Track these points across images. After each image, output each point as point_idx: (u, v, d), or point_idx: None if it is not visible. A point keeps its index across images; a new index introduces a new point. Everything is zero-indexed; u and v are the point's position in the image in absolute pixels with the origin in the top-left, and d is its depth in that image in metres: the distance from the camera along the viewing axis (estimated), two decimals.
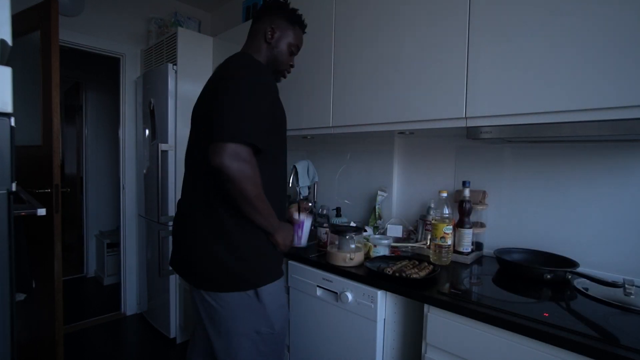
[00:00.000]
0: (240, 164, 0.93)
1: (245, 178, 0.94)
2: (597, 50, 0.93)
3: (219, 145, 0.93)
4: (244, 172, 0.93)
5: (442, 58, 1.24)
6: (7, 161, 0.73)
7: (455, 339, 0.98)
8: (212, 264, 1.03)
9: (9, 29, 0.82)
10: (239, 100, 0.97)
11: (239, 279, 1.02)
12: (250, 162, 0.95)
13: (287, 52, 1.22)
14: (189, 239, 1.08)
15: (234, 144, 0.93)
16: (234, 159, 0.92)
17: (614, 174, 1.19)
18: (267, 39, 1.18)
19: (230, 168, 0.92)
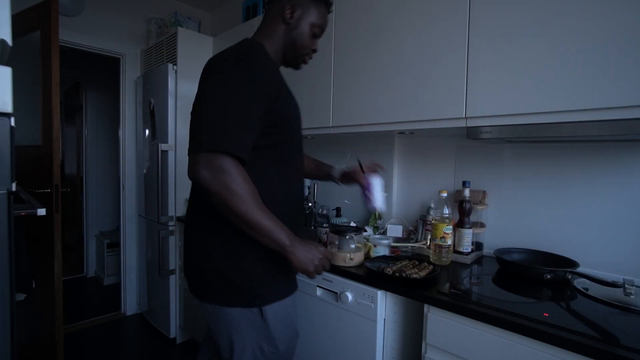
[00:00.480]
0: (217, 175, 0.78)
1: (227, 191, 0.79)
2: (597, 50, 0.93)
3: (191, 157, 0.81)
4: (224, 185, 0.78)
5: (442, 58, 1.24)
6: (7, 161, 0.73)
7: (455, 339, 0.98)
8: (213, 276, 0.92)
9: (9, 29, 0.82)
10: (215, 100, 0.84)
11: (242, 295, 0.91)
12: (231, 172, 0.79)
13: (309, 34, 1.04)
14: (190, 247, 0.99)
15: (208, 153, 0.79)
16: (209, 170, 0.79)
17: (614, 174, 1.19)
18: (286, 19, 1.00)
19: (207, 182, 0.79)
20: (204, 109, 0.84)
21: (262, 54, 0.95)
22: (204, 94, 0.87)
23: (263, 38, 1.02)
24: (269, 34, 1.02)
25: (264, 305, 0.92)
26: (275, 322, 0.94)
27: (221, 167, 0.79)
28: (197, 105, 0.88)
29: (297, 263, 0.87)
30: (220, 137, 0.80)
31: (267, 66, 0.93)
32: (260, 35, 1.03)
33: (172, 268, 2.34)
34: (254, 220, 0.82)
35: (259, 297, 0.92)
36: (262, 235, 0.84)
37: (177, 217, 2.32)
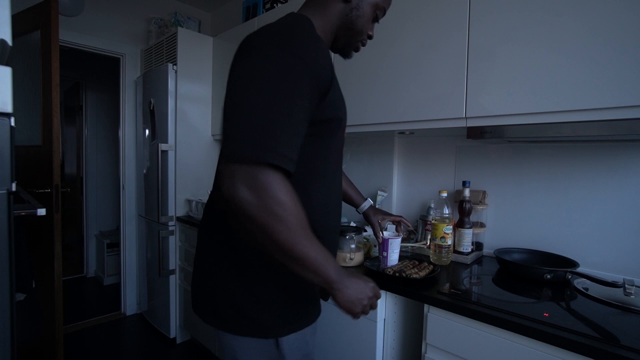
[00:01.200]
0: (260, 196, 0.60)
1: (271, 217, 0.61)
2: (597, 51, 0.93)
3: (227, 169, 0.62)
4: (268, 209, 0.60)
5: (442, 58, 1.24)
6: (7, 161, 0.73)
7: (455, 339, 0.98)
8: (225, 303, 0.78)
9: (9, 29, 0.82)
10: (254, 92, 0.63)
11: (256, 326, 0.77)
12: (277, 192, 0.61)
13: (371, 17, 0.85)
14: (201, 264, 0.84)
15: (248, 165, 0.60)
16: (250, 190, 0.60)
17: (614, 173, 1.19)
18: None
19: (246, 204, 0.60)
20: (240, 104, 0.63)
21: (312, 32, 0.73)
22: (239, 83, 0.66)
23: (313, 14, 0.81)
24: (322, 11, 0.81)
25: (281, 336, 0.78)
26: (291, 353, 0.81)
27: (265, 185, 0.61)
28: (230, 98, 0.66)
29: (343, 303, 0.71)
30: (264, 143, 0.61)
31: (319, 47, 0.71)
32: (310, 11, 0.82)
33: (172, 268, 2.34)
34: (299, 253, 0.64)
35: (276, 328, 0.78)
36: (305, 269, 0.66)
37: (177, 217, 2.32)
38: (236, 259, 0.77)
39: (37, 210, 0.98)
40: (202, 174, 2.44)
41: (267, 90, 0.63)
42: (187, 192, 2.38)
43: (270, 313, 0.77)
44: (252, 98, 0.63)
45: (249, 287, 0.76)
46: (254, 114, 0.62)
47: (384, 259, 1.22)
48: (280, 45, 0.66)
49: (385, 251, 1.21)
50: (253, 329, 0.77)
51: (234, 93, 0.65)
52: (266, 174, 0.61)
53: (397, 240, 1.22)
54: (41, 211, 0.98)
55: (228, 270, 0.77)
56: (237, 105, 0.64)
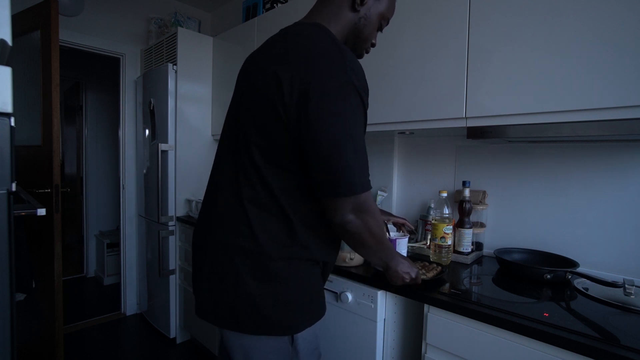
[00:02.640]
0: (363, 218, 0.78)
1: (369, 231, 0.80)
2: (596, 50, 0.93)
3: (339, 203, 0.76)
4: (367, 226, 0.79)
5: (442, 58, 1.24)
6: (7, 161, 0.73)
7: (455, 339, 0.98)
8: (243, 304, 0.81)
9: (9, 29, 0.82)
10: (348, 124, 0.74)
11: (272, 324, 0.82)
12: (374, 209, 0.80)
13: (377, 25, 0.93)
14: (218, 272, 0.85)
15: (358, 196, 0.76)
16: (358, 213, 0.77)
17: (614, 173, 1.19)
18: (355, 6, 0.88)
19: (354, 224, 0.78)
20: (339, 141, 0.73)
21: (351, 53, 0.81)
22: (332, 127, 0.73)
23: (328, 23, 0.87)
24: (334, 19, 0.88)
25: (297, 332, 0.85)
26: (305, 347, 0.88)
27: (367, 208, 0.78)
28: (323, 135, 0.73)
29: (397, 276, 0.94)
30: (363, 177, 0.76)
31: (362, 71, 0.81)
32: (324, 19, 0.88)
33: (172, 268, 2.34)
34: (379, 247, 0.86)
35: (293, 326, 0.84)
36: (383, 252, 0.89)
37: (177, 217, 2.32)
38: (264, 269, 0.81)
39: (37, 210, 0.98)
40: (202, 174, 2.44)
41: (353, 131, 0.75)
42: (187, 192, 2.38)
43: (290, 313, 0.83)
44: (349, 140, 0.74)
45: (274, 292, 0.81)
46: (354, 154, 0.74)
47: None
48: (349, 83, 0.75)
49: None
50: (272, 329, 0.82)
51: (329, 136, 0.73)
52: (366, 199, 0.77)
53: (405, 240, 1.22)
54: (41, 211, 0.98)
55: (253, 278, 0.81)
56: (338, 146, 0.73)
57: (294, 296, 0.83)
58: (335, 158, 0.73)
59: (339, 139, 0.73)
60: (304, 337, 0.87)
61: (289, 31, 0.85)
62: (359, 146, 0.76)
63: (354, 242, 0.83)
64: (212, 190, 0.92)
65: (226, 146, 0.90)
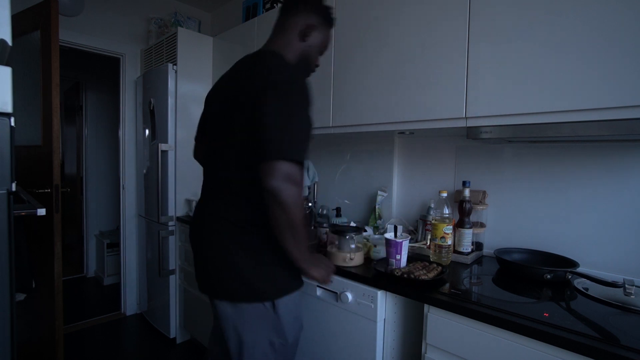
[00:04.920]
0: (294, 188, 0.87)
1: (296, 204, 0.88)
2: (596, 50, 0.93)
3: (272, 165, 0.86)
4: (293, 196, 0.87)
5: (442, 58, 1.24)
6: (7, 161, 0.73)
7: (455, 339, 0.98)
8: (230, 274, 0.99)
9: (9, 29, 0.82)
10: (287, 112, 0.91)
11: (257, 291, 0.98)
12: (300, 185, 0.89)
13: (318, 51, 1.15)
14: (208, 247, 1.04)
15: (288, 163, 0.87)
16: (288, 181, 0.86)
17: (614, 173, 1.19)
18: (302, 36, 1.09)
19: (285, 192, 0.86)
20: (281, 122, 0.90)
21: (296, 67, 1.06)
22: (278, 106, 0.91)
23: (283, 50, 1.07)
24: (286, 47, 1.08)
25: (277, 298, 0.99)
26: (286, 314, 1.02)
27: (296, 179, 0.88)
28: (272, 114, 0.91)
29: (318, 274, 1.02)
30: (298, 149, 0.89)
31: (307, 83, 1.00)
32: (280, 46, 1.09)
33: (172, 268, 2.34)
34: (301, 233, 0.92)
35: (273, 291, 0.99)
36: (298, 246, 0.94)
37: (177, 217, 2.32)
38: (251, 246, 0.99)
39: (37, 210, 0.98)
40: (202, 174, 2.43)
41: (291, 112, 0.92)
42: (187, 192, 2.38)
43: (271, 281, 0.99)
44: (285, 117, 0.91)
45: (260, 266, 0.99)
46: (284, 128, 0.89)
47: (397, 261, 1.20)
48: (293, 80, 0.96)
49: (399, 254, 1.20)
50: (255, 296, 0.98)
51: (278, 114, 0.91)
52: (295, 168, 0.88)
53: (407, 241, 1.22)
54: (41, 211, 0.98)
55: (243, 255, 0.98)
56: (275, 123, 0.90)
57: (273, 265, 1.00)
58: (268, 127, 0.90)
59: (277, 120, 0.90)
60: (285, 303, 1.01)
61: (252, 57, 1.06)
62: (295, 128, 0.91)
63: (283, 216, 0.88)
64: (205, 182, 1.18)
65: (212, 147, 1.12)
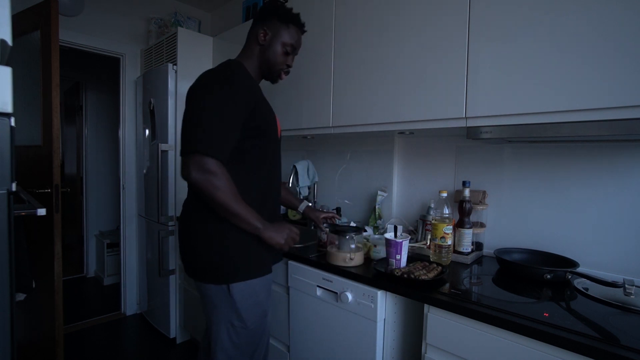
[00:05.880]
0: (205, 175, 0.98)
1: (213, 188, 0.99)
2: (596, 50, 0.93)
3: (183, 159, 1.01)
4: (210, 183, 0.99)
5: (442, 58, 1.24)
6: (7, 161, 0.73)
7: (455, 339, 0.98)
8: (193, 256, 1.12)
9: (9, 29, 0.82)
10: (199, 110, 1.02)
11: (213, 273, 1.09)
12: (216, 172, 0.99)
13: (282, 52, 1.21)
14: (181, 231, 1.18)
15: (198, 156, 0.98)
16: (198, 171, 0.98)
17: (614, 173, 1.19)
18: (260, 41, 1.20)
19: (197, 180, 0.99)
20: (195, 118, 1.02)
21: (241, 72, 1.14)
22: (194, 105, 1.05)
23: (243, 59, 1.22)
24: (248, 55, 1.22)
25: (230, 282, 1.08)
26: (242, 299, 1.10)
27: (209, 168, 0.99)
28: (188, 114, 1.05)
29: (268, 239, 1.09)
30: (208, 142, 0.99)
31: (245, 83, 1.11)
32: (241, 56, 1.23)
33: (172, 268, 2.34)
34: (232, 209, 1.03)
35: (227, 275, 1.09)
36: (240, 220, 1.05)
37: (177, 217, 2.32)
38: (206, 231, 1.10)
39: (37, 210, 0.98)
40: None
41: (211, 112, 1.02)
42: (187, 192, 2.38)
43: (224, 263, 1.09)
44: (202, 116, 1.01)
45: (211, 246, 1.09)
46: (203, 126, 1.00)
47: (397, 261, 1.21)
48: (220, 84, 1.06)
49: (399, 254, 1.20)
50: (212, 276, 1.10)
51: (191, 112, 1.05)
52: (209, 161, 0.99)
53: (407, 241, 1.22)
54: (41, 211, 0.98)
55: (198, 235, 1.11)
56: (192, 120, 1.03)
57: (225, 252, 1.08)
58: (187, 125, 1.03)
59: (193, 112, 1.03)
60: (240, 288, 1.09)
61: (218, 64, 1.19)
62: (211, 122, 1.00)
63: (207, 199, 1.02)
64: None
65: None
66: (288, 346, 1.50)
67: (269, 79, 1.28)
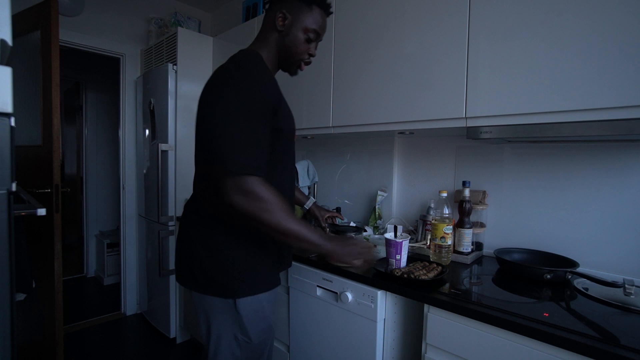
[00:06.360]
0: (248, 198, 0.86)
1: (259, 210, 0.87)
2: (596, 50, 0.93)
3: (222, 183, 0.87)
4: (255, 206, 0.86)
5: (442, 58, 1.24)
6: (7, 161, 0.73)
7: (455, 339, 0.98)
8: (196, 267, 1.01)
9: (9, 29, 0.82)
10: (224, 117, 0.88)
11: (218, 286, 0.99)
12: (260, 193, 0.87)
13: (303, 39, 1.04)
14: (181, 239, 1.08)
15: (235, 177, 0.86)
16: (240, 195, 0.86)
17: (614, 173, 1.19)
18: (278, 27, 1.02)
19: (239, 205, 0.86)
20: (220, 129, 0.88)
21: (261, 66, 0.97)
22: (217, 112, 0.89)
23: (259, 47, 1.05)
24: (264, 43, 1.05)
25: (237, 297, 0.99)
26: (249, 313, 1.01)
27: (250, 190, 0.86)
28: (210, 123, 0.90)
29: (336, 258, 0.97)
30: (245, 159, 0.86)
31: (267, 80, 0.96)
32: (256, 45, 1.06)
33: (172, 268, 2.34)
34: (284, 229, 0.89)
35: (234, 290, 0.99)
36: (294, 239, 0.92)
37: (177, 217, 2.32)
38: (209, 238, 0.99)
39: (37, 210, 0.98)
40: None
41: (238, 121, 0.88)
42: (187, 192, 2.37)
43: (231, 279, 0.98)
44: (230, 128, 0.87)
45: (217, 258, 0.98)
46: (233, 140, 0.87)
47: (397, 261, 1.20)
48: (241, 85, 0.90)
49: (399, 254, 1.20)
50: (217, 290, 0.99)
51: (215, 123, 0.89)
52: (249, 182, 0.86)
53: (407, 241, 1.22)
54: (41, 211, 0.98)
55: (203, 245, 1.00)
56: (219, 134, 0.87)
57: (234, 265, 0.98)
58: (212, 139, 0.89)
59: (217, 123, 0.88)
60: (247, 302, 1.00)
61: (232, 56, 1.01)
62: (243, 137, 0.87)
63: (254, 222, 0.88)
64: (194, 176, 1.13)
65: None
66: (288, 346, 1.50)
67: (287, 71, 1.11)
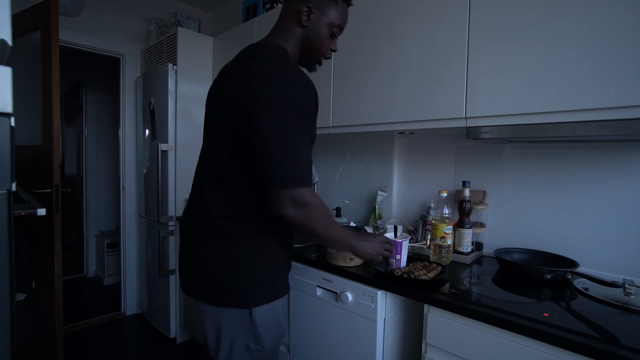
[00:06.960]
0: (302, 210, 0.87)
1: (311, 220, 0.89)
2: (596, 50, 0.93)
3: (276, 195, 0.87)
4: (308, 217, 0.88)
5: (442, 58, 1.24)
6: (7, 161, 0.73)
7: (455, 339, 0.98)
8: (208, 278, 0.97)
9: (9, 29, 0.82)
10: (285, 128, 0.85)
11: (234, 297, 0.96)
12: (312, 203, 0.88)
13: (328, 34, 1.02)
14: (191, 249, 1.02)
15: (292, 190, 0.86)
16: (295, 207, 0.87)
17: (614, 173, 1.19)
18: (303, 22, 0.98)
19: (294, 217, 0.88)
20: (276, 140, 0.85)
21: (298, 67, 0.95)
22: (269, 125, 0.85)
23: (284, 41, 1.00)
24: (286, 36, 1.00)
25: (254, 307, 0.97)
26: (263, 322, 0.99)
27: (305, 202, 0.87)
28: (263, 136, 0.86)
29: (363, 255, 1.03)
30: (300, 172, 0.87)
31: (310, 85, 0.93)
32: (279, 37, 1.01)
33: (172, 268, 2.34)
34: (332, 237, 0.96)
35: (249, 299, 0.96)
36: (334, 243, 1.01)
37: (176, 217, 2.32)
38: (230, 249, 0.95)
39: (37, 210, 0.98)
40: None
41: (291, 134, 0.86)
42: (187, 192, 2.36)
43: (245, 287, 0.96)
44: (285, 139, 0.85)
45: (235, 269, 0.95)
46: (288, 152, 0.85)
47: (397, 261, 1.20)
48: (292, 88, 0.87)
49: (399, 254, 1.19)
50: (231, 301, 0.96)
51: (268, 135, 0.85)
52: (303, 194, 0.87)
53: (407, 241, 1.22)
54: (41, 211, 0.98)
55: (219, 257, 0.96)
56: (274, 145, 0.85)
57: (250, 274, 0.96)
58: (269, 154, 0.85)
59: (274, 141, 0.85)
60: (263, 311, 0.98)
61: (255, 49, 0.97)
62: (297, 149, 0.86)
63: (305, 232, 0.91)
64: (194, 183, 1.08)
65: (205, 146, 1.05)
66: (288, 346, 1.50)
67: (306, 66, 1.08)
